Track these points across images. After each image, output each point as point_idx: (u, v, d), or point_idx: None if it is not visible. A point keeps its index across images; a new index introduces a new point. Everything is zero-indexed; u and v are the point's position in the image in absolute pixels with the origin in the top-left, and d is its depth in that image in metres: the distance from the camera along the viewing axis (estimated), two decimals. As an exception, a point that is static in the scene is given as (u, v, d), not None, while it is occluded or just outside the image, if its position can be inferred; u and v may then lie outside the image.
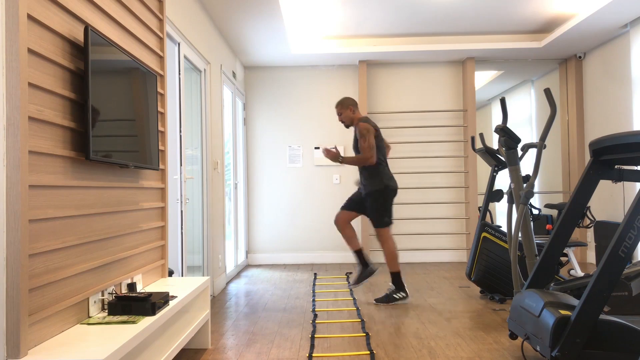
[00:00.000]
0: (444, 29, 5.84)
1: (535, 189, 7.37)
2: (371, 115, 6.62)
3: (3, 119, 1.67)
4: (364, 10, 5.16)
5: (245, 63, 6.51)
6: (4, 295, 1.66)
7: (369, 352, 2.95)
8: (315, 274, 5.74)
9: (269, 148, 6.70)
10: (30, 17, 1.78)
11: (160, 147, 3.05)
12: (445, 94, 6.66)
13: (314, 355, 2.91)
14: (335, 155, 4.21)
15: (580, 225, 4.68)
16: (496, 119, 9.20)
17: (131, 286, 2.52)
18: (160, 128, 3.06)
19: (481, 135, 4.45)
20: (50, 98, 1.90)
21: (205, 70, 4.64)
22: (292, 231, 6.67)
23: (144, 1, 2.85)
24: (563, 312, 2.34)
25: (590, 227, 6.09)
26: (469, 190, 6.45)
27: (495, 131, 3.58)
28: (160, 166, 3.05)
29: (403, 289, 4.21)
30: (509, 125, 8.51)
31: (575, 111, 6.37)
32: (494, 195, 4.38)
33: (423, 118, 6.66)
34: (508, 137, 3.56)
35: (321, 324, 3.59)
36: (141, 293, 2.27)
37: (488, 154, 4.33)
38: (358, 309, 4.04)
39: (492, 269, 4.27)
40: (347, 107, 4.37)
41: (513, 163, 3.57)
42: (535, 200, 7.46)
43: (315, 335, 3.30)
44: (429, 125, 6.63)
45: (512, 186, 3.56)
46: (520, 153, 4.42)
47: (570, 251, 4.67)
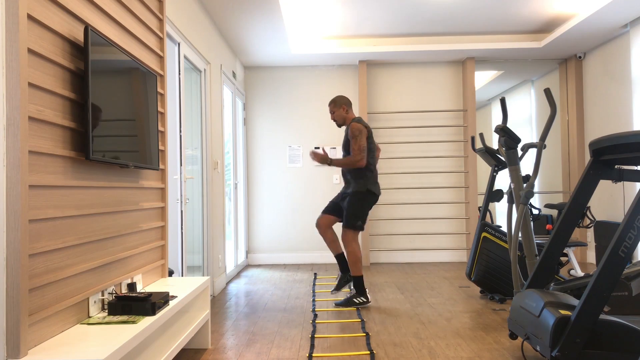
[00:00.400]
0: (444, 29, 5.84)
1: (535, 189, 7.37)
2: (371, 115, 6.62)
3: (3, 119, 1.67)
4: (364, 10, 5.16)
5: (245, 63, 6.51)
6: (4, 295, 1.66)
7: (369, 352, 2.95)
8: (315, 274, 5.74)
9: (269, 148, 6.70)
10: (30, 17, 1.78)
11: (160, 147, 3.05)
12: (445, 94, 6.66)
13: (314, 355, 2.91)
14: (323, 158, 4.11)
15: (580, 225, 4.68)
16: (496, 119, 9.20)
17: (131, 286, 2.52)
18: (160, 128, 3.06)
19: (481, 135, 4.45)
20: (50, 98, 1.90)
21: (205, 70, 4.64)
22: (292, 231, 6.67)
23: (144, 1, 2.85)
24: (563, 312, 2.34)
25: (590, 227, 6.09)
26: (469, 190, 6.45)
27: (495, 131, 3.59)
28: (160, 166, 3.05)
29: (364, 294, 4.12)
30: (509, 125, 8.51)
31: (575, 111, 6.37)
32: (494, 195, 4.38)
33: (423, 118, 6.66)
34: (508, 137, 3.56)
35: (321, 324, 3.59)
36: (141, 293, 2.27)
37: (488, 154, 4.33)
38: (358, 309, 4.04)
39: (492, 269, 4.27)
40: (340, 106, 4.28)
41: (513, 163, 3.57)
42: (535, 200, 7.46)
43: (315, 335, 3.30)
44: (429, 125, 6.63)
45: (512, 186, 3.56)
46: (520, 153, 4.42)
47: (570, 251, 4.67)
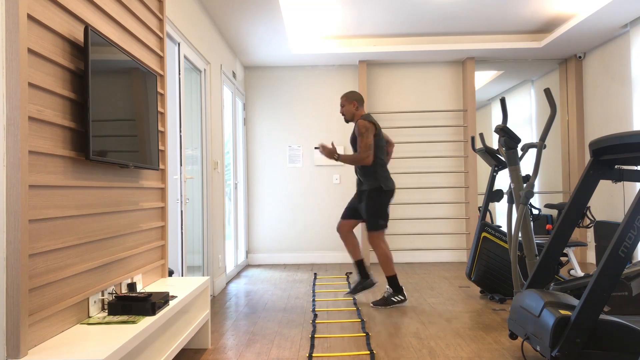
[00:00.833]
0: (444, 29, 5.84)
1: (535, 189, 7.37)
2: (371, 115, 6.61)
3: (3, 119, 1.67)
4: (364, 10, 5.16)
5: (245, 63, 6.51)
6: (4, 295, 1.66)
7: (369, 352, 2.95)
8: (315, 274, 5.74)
9: (269, 148, 6.70)
10: (30, 17, 1.78)
11: (160, 147, 3.05)
12: (445, 94, 6.66)
13: (314, 355, 2.91)
14: (331, 152, 4.13)
15: (580, 225, 4.68)
16: (496, 119, 9.20)
17: (131, 286, 2.52)
18: (160, 128, 3.06)
19: (481, 135, 4.45)
20: (50, 98, 1.90)
21: (205, 70, 4.64)
22: (292, 231, 6.67)
23: (144, 1, 2.85)
24: (563, 312, 2.34)
25: (590, 227, 6.09)
26: (469, 190, 6.45)
27: (495, 131, 3.59)
28: (160, 166, 3.05)
29: (401, 292, 4.14)
30: (509, 125, 8.51)
31: (575, 111, 6.37)
32: (494, 195, 4.38)
33: (423, 118, 6.66)
34: (508, 137, 3.56)
35: (321, 324, 3.59)
36: (141, 293, 2.27)
37: (488, 154, 4.33)
38: (358, 309, 4.04)
39: (492, 269, 4.27)
40: (351, 102, 4.27)
41: (513, 163, 3.57)
42: (535, 200, 7.46)
43: (315, 335, 3.30)
44: (429, 125, 6.63)
45: (512, 186, 3.56)
46: (520, 153, 4.42)
47: (570, 251, 4.67)
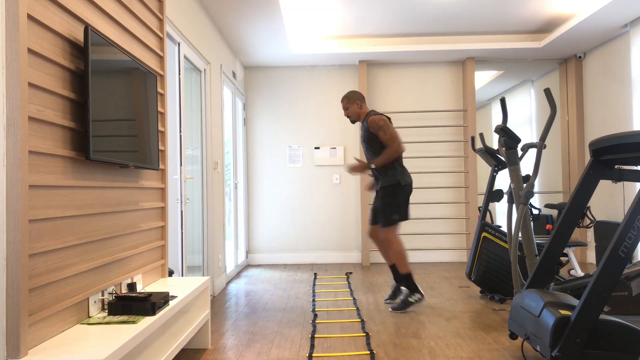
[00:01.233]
0: (444, 29, 5.84)
1: (535, 189, 7.37)
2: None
3: (3, 119, 1.67)
4: (364, 10, 5.16)
5: (245, 63, 6.51)
6: (4, 295, 1.66)
7: (369, 352, 2.95)
8: (315, 274, 5.74)
9: (269, 148, 6.70)
10: (30, 17, 1.78)
11: (160, 147, 3.05)
12: (445, 94, 6.66)
13: (314, 355, 2.91)
14: (364, 166, 3.99)
15: (580, 225, 4.68)
16: (496, 119, 9.20)
17: (131, 286, 2.52)
18: (160, 128, 3.06)
19: (481, 135, 4.45)
20: (50, 98, 1.90)
21: (205, 70, 4.64)
22: (292, 231, 6.67)
23: (144, 1, 2.85)
24: (563, 312, 2.34)
25: (590, 227, 6.09)
26: (469, 190, 6.45)
27: (495, 131, 3.59)
28: (160, 166, 3.05)
29: (417, 290, 3.97)
30: (509, 125, 8.51)
31: (575, 111, 6.37)
32: (494, 195, 4.38)
33: (423, 118, 6.66)
34: (508, 137, 3.56)
35: (321, 324, 3.59)
36: (141, 293, 2.27)
37: (488, 154, 4.33)
38: (358, 309, 4.04)
39: (492, 269, 4.27)
40: (354, 102, 4.16)
41: (513, 163, 3.57)
42: (535, 200, 7.46)
43: (315, 335, 3.30)
44: (429, 125, 6.63)
45: (512, 186, 3.56)
46: (520, 153, 4.42)
47: (570, 251, 4.67)
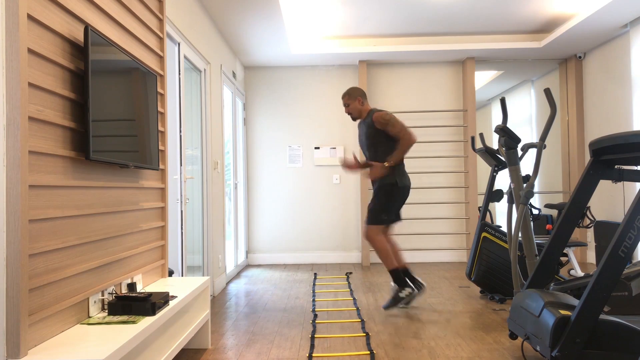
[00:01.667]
0: (444, 29, 5.84)
1: (535, 189, 7.37)
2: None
3: (3, 119, 1.67)
4: (364, 10, 5.16)
5: (245, 63, 6.51)
6: (4, 295, 1.66)
7: (369, 352, 2.95)
8: (315, 274, 5.74)
9: (269, 148, 6.70)
10: (30, 17, 1.78)
11: (160, 147, 3.05)
12: (445, 94, 6.66)
13: (314, 355, 2.91)
14: (381, 168, 3.90)
15: (580, 225, 4.68)
16: (496, 119, 9.20)
17: (131, 286, 2.52)
18: (160, 128, 3.06)
19: (481, 135, 4.45)
20: (50, 98, 1.90)
21: (205, 70, 4.64)
22: (292, 231, 6.67)
23: (144, 1, 2.85)
24: (563, 312, 2.34)
25: (590, 227, 6.09)
26: (469, 190, 6.45)
27: (495, 131, 3.59)
28: (160, 166, 3.05)
29: (406, 284, 3.94)
30: (509, 125, 8.51)
31: (575, 111, 6.37)
32: (494, 195, 4.38)
33: (423, 118, 6.66)
34: (508, 137, 3.56)
35: (321, 324, 3.59)
36: (141, 293, 2.27)
37: (488, 154, 4.33)
38: (358, 309, 4.04)
39: (492, 269, 4.27)
40: (355, 99, 4.09)
41: (513, 163, 3.57)
42: (535, 200, 7.46)
43: (315, 335, 3.30)
44: (429, 125, 6.63)
45: (512, 186, 3.56)
46: (520, 153, 4.42)
47: (570, 251, 4.67)
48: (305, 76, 6.71)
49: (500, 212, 9.13)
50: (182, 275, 3.84)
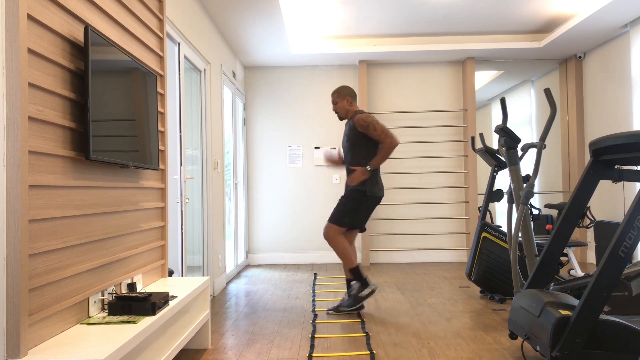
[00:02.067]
0: (444, 29, 5.84)
1: (535, 189, 7.37)
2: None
3: (3, 119, 1.67)
4: (364, 10, 5.16)
5: (245, 63, 6.51)
6: (4, 295, 1.66)
7: (369, 352, 2.95)
8: (315, 274, 5.74)
9: (269, 148, 6.70)
10: (30, 17, 1.78)
11: (160, 147, 3.05)
12: (445, 94, 6.66)
13: (314, 355, 2.91)
14: (363, 172, 3.81)
15: (580, 225, 4.68)
16: (496, 119, 9.20)
17: (131, 286, 2.52)
18: (160, 128, 3.06)
19: (481, 135, 4.45)
20: (50, 98, 1.90)
21: (205, 70, 4.64)
22: (292, 231, 6.67)
23: (144, 1, 2.85)
24: (563, 312, 2.34)
25: (590, 227, 6.09)
26: (469, 190, 6.45)
27: (495, 131, 3.59)
28: (160, 166, 3.05)
29: (366, 284, 3.86)
30: (509, 125, 8.51)
31: (575, 111, 6.37)
32: (494, 195, 4.38)
33: (423, 118, 6.66)
34: (508, 137, 3.56)
35: (321, 324, 3.59)
36: (141, 293, 2.27)
37: (488, 154, 4.33)
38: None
39: (492, 269, 4.27)
40: (344, 98, 3.99)
41: (513, 163, 3.57)
42: (535, 200, 7.46)
43: (315, 335, 3.30)
44: (429, 125, 6.63)
45: (512, 186, 3.56)
46: (520, 153, 4.42)
47: (570, 251, 4.67)
48: (305, 76, 6.71)
49: (500, 212, 9.13)
50: (182, 275, 3.84)
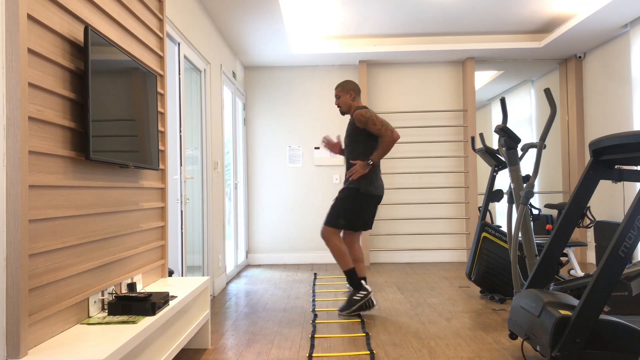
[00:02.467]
0: (444, 29, 5.84)
1: (535, 189, 7.37)
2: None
3: (3, 119, 1.67)
4: (364, 10, 5.16)
5: (245, 63, 6.51)
6: (4, 295, 1.66)
7: (369, 352, 2.95)
8: (315, 274, 5.74)
9: (269, 148, 6.70)
10: (30, 17, 1.78)
11: (160, 147, 3.05)
12: (445, 94, 6.66)
13: (314, 355, 2.91)
14: (364, 166, 3.79)
15: (580, 225, 4.68)
16: (496, 119, 9.20)
17: (131, 286, 2.52)
18: (160, 128, 3.06)
19: (481, 135, 4.45)
20: (50, 98, 1.90)
21: (205, 70, 4.64)
22: (292, 231, 6.67)
23: (144, 1, 2.85)
24: (563, 312, 2.34)
25: (590, 227, 6.09)
26: (469, 190, 6.45)
27: (495, 131, 3.59)
28: (160, 166, 3.05)
29: (361, 287, 3.81)
30: (509, 125, 8.51)
31: (575, 111, 6.37)
32: (494, 195, 4.38)
33: (423, 118, 6.66)
34: (508, 137, 3.56)
35: (321, 324, 3.59)
36: (141, 293, 2.27)
37: (488, 154, 4.33)
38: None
39: (492, 269, 4.27)
40: (348, 92, 3.98)
41: (513, 163, 3.57)
42: (535, 200, 7.46)
43: (315, 335, 3.30)
44: (429, 125, 6.63)
45: (512, 186, 3.56)
46: (520, 153, 4.42)
47: (570, 251, 4.67)
48: (305, 76, 6.71)
49: (500, 212, 9.13)
50: (182, 275, 3.84)
